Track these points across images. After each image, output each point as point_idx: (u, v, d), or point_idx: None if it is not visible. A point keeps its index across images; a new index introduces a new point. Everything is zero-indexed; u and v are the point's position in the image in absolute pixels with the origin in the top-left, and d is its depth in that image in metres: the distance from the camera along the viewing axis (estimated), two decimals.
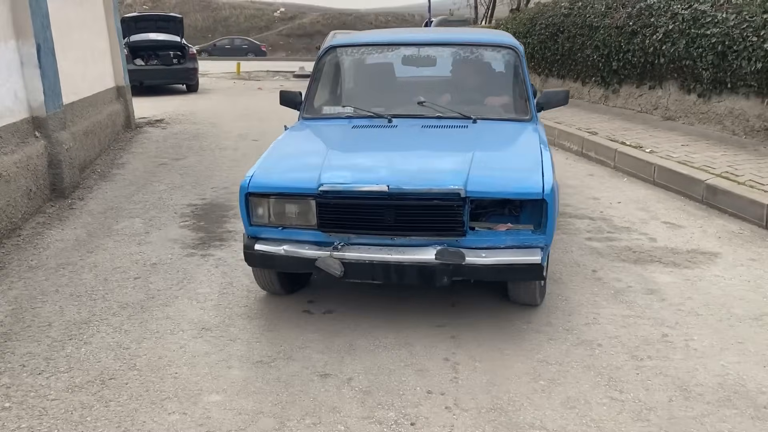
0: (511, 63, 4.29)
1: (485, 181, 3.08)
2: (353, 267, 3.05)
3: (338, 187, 3.04)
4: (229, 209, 5.51)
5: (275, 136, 3.97)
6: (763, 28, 6.20)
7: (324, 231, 3.13)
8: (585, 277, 3.97)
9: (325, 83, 4.39)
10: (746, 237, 4.62)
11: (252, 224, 3.23)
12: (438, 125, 3.86)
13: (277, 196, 3.16)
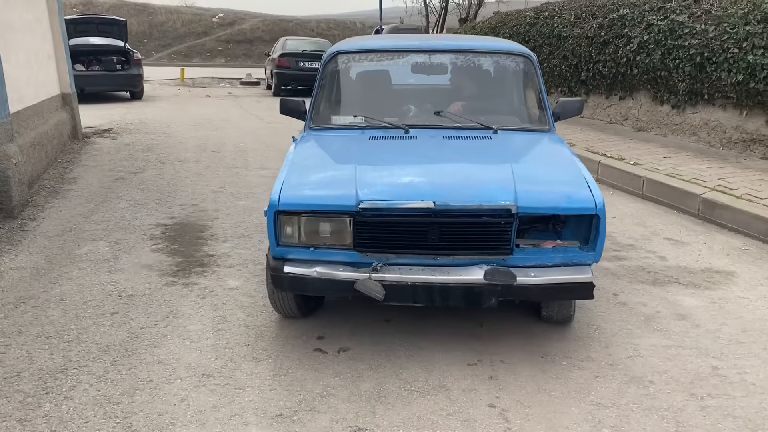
0: (526, 71, 4.07)
1: (536, 196, 2.88)
2: (394, 289, 2.82)
3: (380, 204, 2.80)
4: (204, 229, 5.04)
5: (236, 147, 3.67)
6: (745, 40, 6.18)
7: (360, 251, 2.88)
8: (608, 301, 3.73)
9: (332, 91, 4.08)
10: (755, 254, 4.50)
11: (279, 244, 2.94)
12: (458, 136, 3.61)
13: (309, 214, 2.89)
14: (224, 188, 6.39)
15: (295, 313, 3.38)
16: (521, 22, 10.36)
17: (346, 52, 4.13)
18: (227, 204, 5.80)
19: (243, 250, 4.57)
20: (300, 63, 16.36)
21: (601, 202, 2.84)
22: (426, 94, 4.26)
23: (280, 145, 8.86)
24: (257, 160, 7.86)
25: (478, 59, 4.16)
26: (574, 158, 3.35)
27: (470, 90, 4.21)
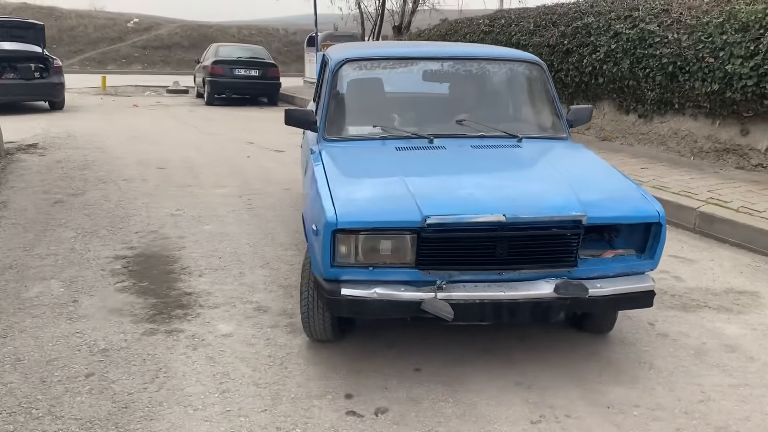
0: (540, 79, 3.98)
1: (603, 206, 2.84)
2: (462, 308, 2.67)
3: (448, 219, 2.66)
4: (172, 261, 4.43)
5: (182, 163, 3.30)
6: (722, 50, 6.13)
7: (422, 269, 2.73)
8: (647, 332, 3.43)
9: (343, 101, 3.84)
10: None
11: (334, 265, 2.71)
12: (485, 145, 3.51)
13: (368, 232, 2.70)
14: (183, 211, 5.75)
15: (329, 337, 3.19)
16: (475, 30, 10.14)
17: (356, 59, 3.91)
18: (191, 230, 5.18)
19: (225, 286, 4.01)
20: (235, 70, 15.65)
21: (662, 211, 2.86)
22: (441, 102, 4.08)
23: (229, 160, 8.24)
24: (210, 177, 7.22)
25: (491, 67, 4.05)
26: (612, 167, 3.33)
27: (485, 98, 4.13)
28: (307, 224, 3.14)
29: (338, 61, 3.87)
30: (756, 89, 5.89)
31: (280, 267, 4.36)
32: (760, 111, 6.06)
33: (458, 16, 19.86)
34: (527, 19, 8.94)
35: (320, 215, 2.73)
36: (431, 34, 12.12)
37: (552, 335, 3.36)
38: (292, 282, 4.07)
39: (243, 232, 5.12)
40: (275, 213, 5.73)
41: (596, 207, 2.79)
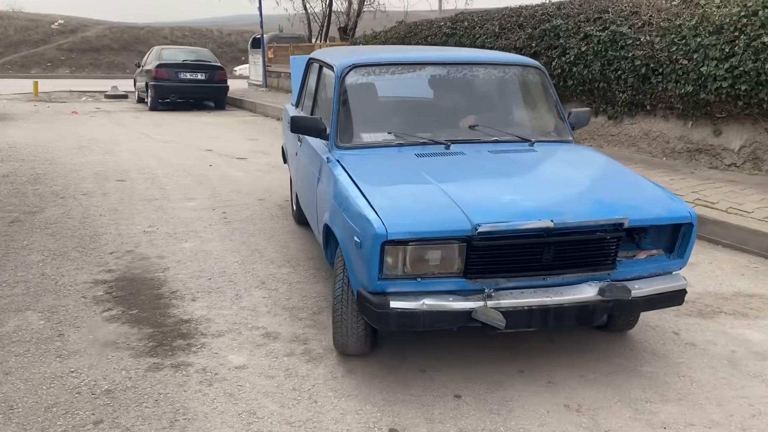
0: (542, 83, 4.02)
1: (642, 208, 2.88)
2: (511, 316, 2.65)
3: (499, 226, 2.62)
4: (158, 284, 4.11)
5: (142, 174, 3.45)
6: (696, 52, 6.21)
7: (470, 278, 2.69)
8: (674, 342, 3.36)
9: (353, 107, 3.73)
10: (767, 272, 4.37)
11: (381, 278, 2.64)
12: (502, 150, 3.50)
13: (417, 243, 2.64)
14: (156, 227, 5.39)
15: (363, 349, 3.09)
16: (436, 33, 10.04)
17: (363, 65, 3.84)
18: (170, 248, 4.85)
19: (224, 311, 3.73)
20: (180, 74, 15.10)
21: (694, 212, 2.96)
22: (450, 107, 3.98)
23: (191, 169, 7.85)
24: (176, 188, 6.84)
25: (496, 71, 4.05)
26: (629, 169, 3.44)
27: (493, 103, 4.12)
28: (317, 229, 3.38)
29: (344, 66, 3.76)
30: (731, 90, 5.99)
31: (278, 287, 4.10)
32: (734, 112, 6.17)
33: (403, 17, 19.83)
34: (491, 22, 8.89)
35: (364, 226, 2.65)
36: (388, 37, 11.94)
37: (579, 348, 3.25)
38: (295, 303, 3.83)
39: (227, 249, 4.83)
40: (256, 226, 5.44)
41: (634, 209, 2.82)
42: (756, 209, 5.06)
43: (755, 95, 5.83)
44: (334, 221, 3.10)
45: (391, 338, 3.33)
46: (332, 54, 4.47)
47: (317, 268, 4.43)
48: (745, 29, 5.76)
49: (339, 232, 2.99)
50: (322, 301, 3.86)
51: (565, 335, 3.40)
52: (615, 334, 3.43)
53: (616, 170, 3.45)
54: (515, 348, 3.24)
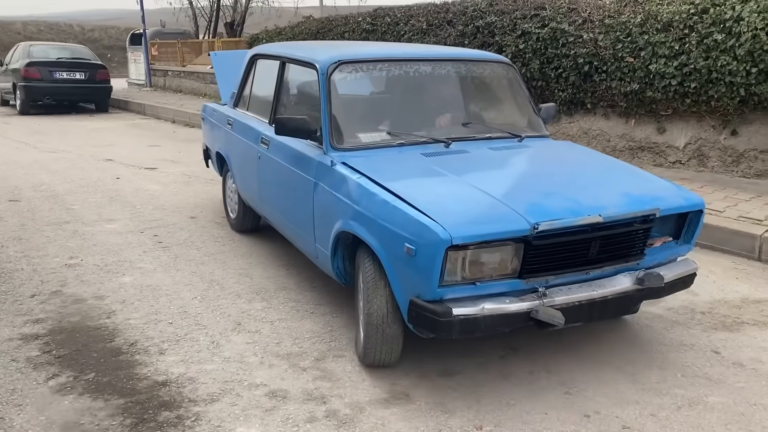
0: (515, 79, 4.09)
1: (664, 199, 2.99)
2: (565, 312, 2.65)
3: (556, 224, 2.61)
4: (110, 335, 3.35)
5: (38, 191, 3.78)
6: (643, 50, 6.16)
7: (524, 278, 2.67)
8: (721, 364, 3.12)
9: (344, 106, 3.60)
10: (759, 274, 4.31)
11: (441, 285, 2.55)
12: (500, 147, 3.54)
13: (476, 246, 2.55)
14: (79, 258, 4.53)
15: (392, 360, 2.97)
16: (354, 29, 9.52)
17: (350, 61, 3.66)
18: (107, 285, 4.05)
19: (206, 365, 3.06)
20: (55, 73, 13.58)
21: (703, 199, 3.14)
22: (437, 104, 3.92)
23: (96, 184, 6.87)
24: (87, 208, 5.89)
25: (476, 68, 4.04)
26: (625, 162, 3.65)
27: (477, 99, 4.13)
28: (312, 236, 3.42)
29: (330, 63, 3.57)
30: (679, 88, 5.99)
31: (260, 328, 3.47)
32: (680, 109, 6.19)
33: (294, 13, 19.14)
34: (417, 18, 8.51)
35: (421, 232, 2.54)
36: (296, 33, 11.24)
37: (628, 378, 2.92)
38: (289, 349, 3.23)
39: (177, 283, 4.10)
40: (200, 251, 4.71)
41: (660, 201, 2.94)
42: (726, 208, 5.03)
43: (705, 93, 5.86)
44: (363, 229, 2.88)
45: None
46: (299, 49, 4.22)
47: (295, 300, 3.83)
48: (695, 27, 5.76)
49: (374, 240, 2.79)
50: (320, 343, 3.29)
51: (600, 372, 3.06)
52: (656, 359, 3.14)
53: (617, 164, 3.57)
54: (567, 387, 2.86)
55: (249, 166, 4.44)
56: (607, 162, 3.60)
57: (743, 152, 5.98)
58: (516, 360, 3.12)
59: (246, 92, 4.82)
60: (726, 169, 6.11)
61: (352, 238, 3.09)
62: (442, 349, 3.21)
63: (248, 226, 5.07)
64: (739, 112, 5.86)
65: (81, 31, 45.44)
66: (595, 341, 3.33)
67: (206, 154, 5.75)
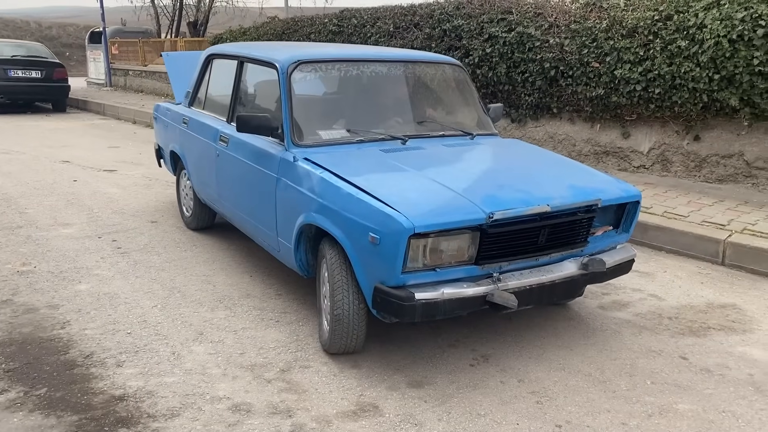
0: (466, 80, 4.27)
1: (605, 190, 3.21)
2: (518, 295, 2.84)
3: (509, 213, 2.80)
4: (63, 346, 3.20)
5: None
6: (608, 55, 6.20)
7: (480, 264, 2.84)
8: (689, 370, 3.11)
9: (304, 104, 3.68)
10: (722, 278, 4.34)
11: (404, 272, 2.69)
12: (453, 144, 3.72)
13: (436, 234, 2.71)
14: (32, 265, 4.34)
15: (357, 346, 3.08)
16: (321, 30, 9.40)
17: (309, 61, 3.76)
18: (62, 293, 3.88)
19: (166, 377, 2.94)
20: (10, 71, 13.14)
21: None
22: (393, 102, 4.03)
23: (52, 186, 6.63)
24: (41, 211, 5.68)
25: (429, 69, 4.19)
26: (568, 158, 3.93)
27: (430, 98, 4.26)
28: (274, 231, 3.53)
29: (290, 63, 3.66)
30: (644, 93, 6.04)
31: (223, 337, 3.35)
32: (645, 114, 6.25)
33: (259, 13, 18.92)
34: (384, 20, 8.44)
35: (385, 222, 2.67)
36: (261, 33, 11.06)
37: (597, 387, 2.90)
38: (253, 359, 3.12)
39: (137, 290, 3.95)
40: (161, 257, 4.56)
41: (601, 192, 3.16)
42: (690, 213, 5.08)
43: (668, 98, 5.92)
44: (327, 221, 3.00)
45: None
46: (257, 49, 4.26)
47: (260, 308, 3.72)
48: (659, 33, 5.82)
49: (339, 231, 2.92)
50: (285, 353, 3.19)
51: (571, 380, 3.03)
52: (625, 366, 3.12)
53: (558, 158, 3.83)
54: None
55: (206, 163, 4.45)
56: (552, 157, 3.83)
57: (705, 157, 6.07)
58: (486, 369, 3.07)
59: (202, 92, 4.84)
60: (689, 174, 6.19)
61: (315, 231, 3.25)
62: (411, 358, 3.14)
63: (203, 224, 5.13)
64: (702, 118, 5.94)
65: (38, 28, 44.29)
66: (565, 347, 3.30)
67: (158, 154, 5.79)
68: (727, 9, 5.37)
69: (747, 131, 5.76)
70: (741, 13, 5.26)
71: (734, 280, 4.33)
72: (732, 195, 5.67)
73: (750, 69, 5.28)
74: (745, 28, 5.23)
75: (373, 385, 2.89)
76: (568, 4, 6.92)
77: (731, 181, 5.95)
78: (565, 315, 3.71)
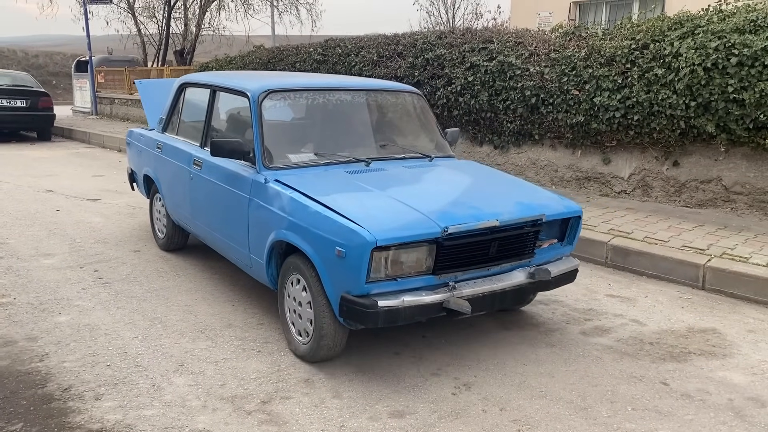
0: (424, 107, 4.57)
1: (551, 207, 3.53)
2: (472, 302, 3.10)
3: (462, 227, 3.06)
4: (42, 380, 3.16)
5: None
6: (587, 83, 6.31)
7: (437, 274, 3.10)
8: (670, 395, 3.12)
9: (274, 130, 3.93)
10: (703, 303, 4.39)
11: (368, 282, 2.93)
12: (413, 165, 3.98)
13: (397, 247, 2.96)
14: (11, 296, 4.30)
15: (339, 350, 3.32)
16: (305, 59, 9.50)
17: (278, 90, 4.02)
18: (41, 325, 3.84)
19: (145, 410, 2.91)
20: None
21: (580, 206, 3.72)
22: (357, 128, 4.28)
23: (35, 216, 6.59)
24: (23, 241, 5.64)
25: (391, 97, 4.47)
26: (517, 177, 4.24)
27: (391, 124, 4.53)
28: (246, 248, 3.77)
29: (260, 92, 3.90)
30: (623, 120, 6.14)
31: (204, 369, 3.33)
32: (624, 141, 6.34)
33: (245, 42, 19.07)
34: (368, 49, 8.55)
35: (349, 236, 2.91)
36: (247, 62, 11.15)
37: (580, 415, 2.90)
38: (234, 390, 3.10)
39: (117, 321, 3.92)
40: (143, 287, 4.53)
41: (545, 208, 3.46)
42: (670, 238, 5.14)
43: (647, 125, 6.02)
44: (297, 237, 3.23)
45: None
46: (229, 79, 4.51)
47: (242, 338, 3.70)
48: (637, 61, 5.94)
49: (308, 246, 3.15)
50: (266, 384, 3.17)
51: (552, 407, 3.03)
52: (606, 392, 3.13)
53: (508, 177, 4.14)
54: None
55: (180, 186, 4.69)
56: (502, 177, 4.12)
57: (685, 182, 6.15)
58: (468, 397, 3.06)
59: (175, 118, 5.09)
60: (669, 199, 6.27)
61: (285, 247, 3.48)
62: (392, 387, 3.14)
63: (176, 245, 5.33)
64: (680, 144, 6.03)
65: (25, 56, 44.31)
66: (547, 374, 3.31)
67: (132, 178, 5.98)
68: (701, 38, 5.50)
69: (724, 156, 5.87)
70: (714, 42, 5.39)
71: (714, 304, 4.37)
72: (711, 219, 5.74)
73: (725, 96, 5.40)
74: (719, 56, 5.36)
75: (354, 416, 2.87)
76: (547, 34, 7.05)
77: (710, 206, 6.03)
78: (547, 341, 3.72)
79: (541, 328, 3.92)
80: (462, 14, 25.86)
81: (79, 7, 17.35)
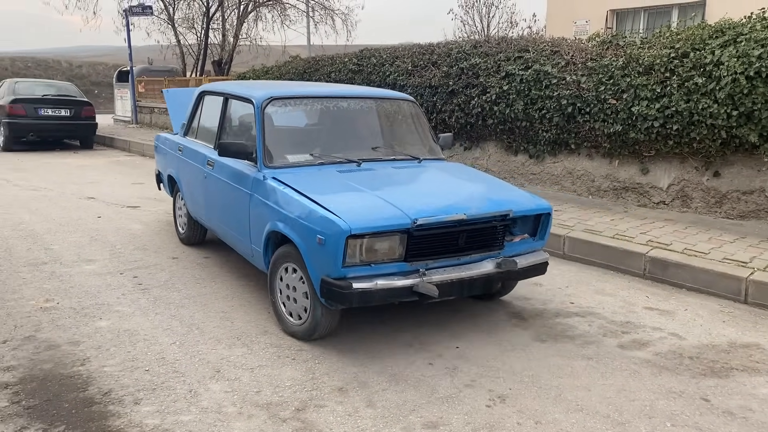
0: (417, 113, 4.94)
1: (520, 203, 3.85)
2: (441, 287, 3.44)
3: (430, 219, 3.41)
4: (83, 383, 3.23)
5: (17, 230, 4.37)
6: (625, 92, 6.23)
7: (408, 261, 3.45)
8: (711, 412, 3.05)
9: (275, 133, 4.35)
10: (745, 317, 4.28)
11: (344, 266, 3.31)
12: (401, 166, 4.33)
13: (371, 236, 3.31)
14: (55, 301, 4.41)
15: (333, 327, 3.71)
16: (341, 69, 9.58)
17: (279, 97, 4.45)
18: (83, 330, 3.93)
19: (182, 416, 2.95)
20: (40, 110, 13.53)
21: (550, 204, 4.03)
22: (353, 132, 4.66)
23: (77, 223, 6.76)
24: (66, 248, 5.78)
25: (384, 104, 4.86)
26: (494, 177, 4.57)
27: (385, 129, 4.87)
28: (248, 239, 4.22)
29: (263, 99, 4.34)
30: (662, 130, 6.05)
31: (240, 376, 3.36)
32: (663, 150, 6.24)
33: (282, 52, 19.31)
34: (402, 59, 8.59)
35: (328, 226, 3.31)
36: (283, 72, 11.29)
37: None
38: (269, 398, 3.13)
39: (156, 327, 3.99)
40: (181, 293, 4.61)
41: (514, 204, 3.79)
42: (711, 250, 5.02)
43: (686, 134, 5.92)
44: (287, 227, 3.65)
45: None
46: (239, 87, 4.94)
47: (277, 345, 3.74)
48: (676, 70, 5.84)
49: (296, 235, 3.56)
50: (301, 392, 3.19)
51: (588, 422, 2.98)
52: (644, 407, 3.07)
53: (487, 177, 4.45)
54: None
55: (197, 185, 5.18)
56: (482, 176, 4.47)
57: (726, 193, 6.02)
58: (503, 410, 3.04)
59: (195, 123, 5.59)
60: (709, 210, 6.14)
61: (280, 237, 3.82)
62: (426, 398, 3.12)
63: (196, 240, 5.83)
64: (721, 154, 5.91)
65: (69, 67, 45.60)
66: (583, 387, 3.26)
67: (158, 178, 6.54)
68: (744, 46, 5.39)
69: (767, 167, 5.72)
70: (758, 50, 5.28)
71: (757, 318, 4.26)
72: (754, 231, 5.60)
73: None
74: (763, 65, 5.24)
75: (387, 426, 2.87)
76: (584, 42, 6.98)
77: (753, 218, 5.88)
78: (584, 354, 3.67)
79: (577, 340, 3.87)
80: (497, 23, 25.81)
81: (122, 19, 17.78)
